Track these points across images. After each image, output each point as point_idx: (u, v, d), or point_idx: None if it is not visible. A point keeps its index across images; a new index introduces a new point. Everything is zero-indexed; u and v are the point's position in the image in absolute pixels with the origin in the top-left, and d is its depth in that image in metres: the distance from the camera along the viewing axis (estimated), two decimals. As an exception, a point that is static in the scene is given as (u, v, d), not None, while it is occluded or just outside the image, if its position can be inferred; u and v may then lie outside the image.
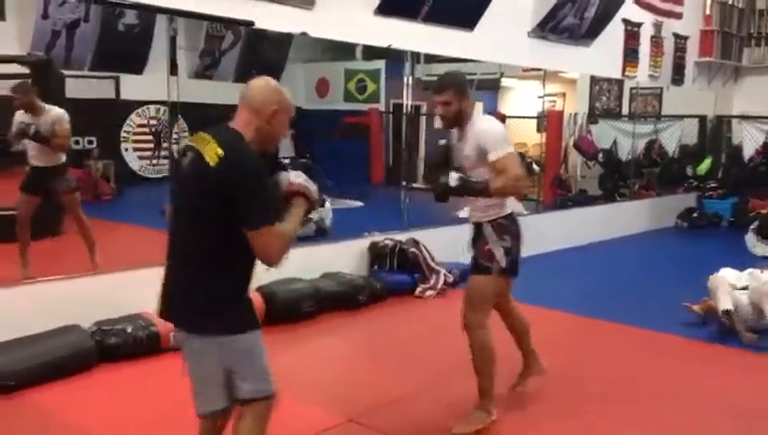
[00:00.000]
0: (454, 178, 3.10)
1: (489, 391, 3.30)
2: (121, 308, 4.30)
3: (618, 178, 10.12)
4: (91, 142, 9.28)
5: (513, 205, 3.31)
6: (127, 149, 9.69)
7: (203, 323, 2.24)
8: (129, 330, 4.13)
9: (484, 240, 3.26)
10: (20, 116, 4.94)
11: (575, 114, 10.12)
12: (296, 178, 2.39)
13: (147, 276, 4.64)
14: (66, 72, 7.04)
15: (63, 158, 5.07)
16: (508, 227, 3.25)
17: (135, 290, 4.47)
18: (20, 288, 4.20)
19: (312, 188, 2.39)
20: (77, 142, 8.92)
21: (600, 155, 9.95)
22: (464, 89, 3.24)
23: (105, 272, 4.62)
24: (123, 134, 9.61)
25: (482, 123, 3.23)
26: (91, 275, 4.57)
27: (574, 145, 10.05)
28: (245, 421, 2.32)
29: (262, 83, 2.37)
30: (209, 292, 2.23)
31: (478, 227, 3.32)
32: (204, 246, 2.24)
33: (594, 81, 9.78)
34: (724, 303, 4.77)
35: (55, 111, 4.99)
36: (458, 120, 3.25)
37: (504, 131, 3.22)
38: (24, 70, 6.63)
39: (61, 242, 5.82)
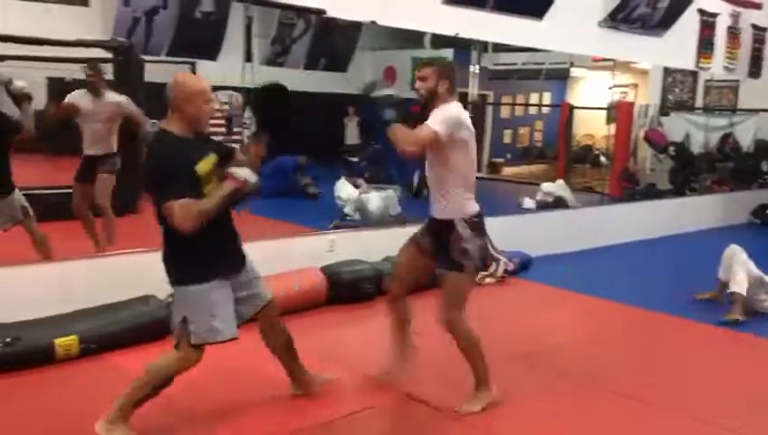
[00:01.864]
0: (391, 112, 3.20)
1: (484, 374, 3.43)
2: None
3: (689, 173, 9.88)
4: (166, 126, 9.69)
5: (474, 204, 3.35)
6: (200, 133, 10.08)
7: (167, 274, 2.97)
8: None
9: (459, 237, 3.26)
10: (79, 96, 5.02)
11: (646, 106, 9.93)
12: (235, 168, 2.92)
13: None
14: (145, 58, 7.37)
15: (115, 147, 5.13)
16: (480, 224, 3.32)
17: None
18: (102, 260, 4.48)
19: (249, 179, 2.88)
20: (153, 125, 9.34)
21: (671, 148, 9.74)
22: (444, 72, 3.27)
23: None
24: (196, 118, 9.99)
25: (439, 109, 3.21)
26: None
27: (644, 137, 9.87)
28: (174, 351, 2.94)
29: (170, 82, 2.89)
30: (167, 252, 2.95)
31: (449, 224, 3.29)
32: (161, 219, 2.86)
33: (667, 72, 9.57)
34: (739, 283, 5.08)
35: (117, 97, 5.08)
36: (431, 98, 3.26)
37: (454, 115, 3.18)
38: (107, 54, 6.98)
39: (138, 220, 6.14)
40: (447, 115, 3.17)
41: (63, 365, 3.74)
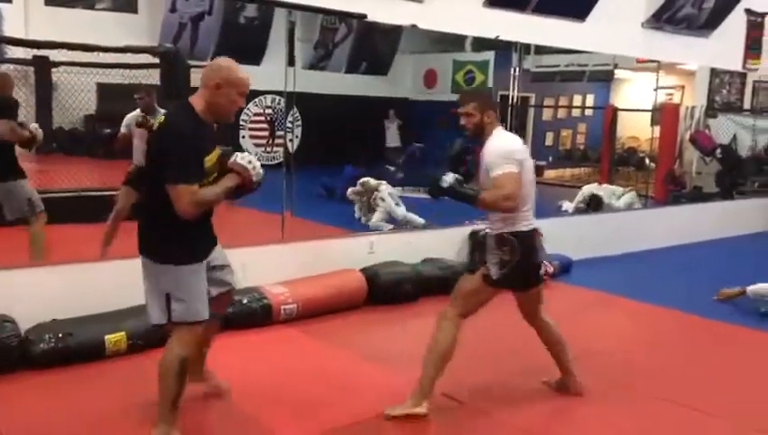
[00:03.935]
0: (447, 180, 3.18)
1: (425, 383, 3.29)
2: (239, 281, 4.60)
3: (736, 176, 9.68)
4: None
5: (528, 223, 3.30)
6: (244, 137, 10.22)
7: (149, 252, 2.85)
8: (245, 301, 4.44)
9: (485, 246, 3.38)
10: (134, 118, 5.12)
11: (692, 108, 9.77)
12: (240, 159, 2.90)
13: (262, 254, 5.01)
14: (191, 63, 7.53)
15: None
16: (510, 241, 3.24)
17: (252, 265, 4.80)
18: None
19: (253, 170, 2.89)
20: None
21: (718, 151, 9.55)
22: (486, 103, 3.32)
23: (226, 248, 4.95)
24: (241, 122, 10.15)
25: (493, 140, 3.28)
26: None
27: (690, 140, 9.71)
28: (171, 339, 2.89)
29: (212, 63, 2.89)
30: (151, 227, 2.88)
31: (486, 238, 3.43)
32: (150, 197, 2.85)
33: (714, 73, 9.39)
34: None
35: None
36: (479, 132, 3.32)
37: (509, 149, 3.23)
38: (154, 60, 7.17)
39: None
40: (505, 150, 3.22)
41: (112, 360, 3.86)
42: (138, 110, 5.18)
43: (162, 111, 5.12)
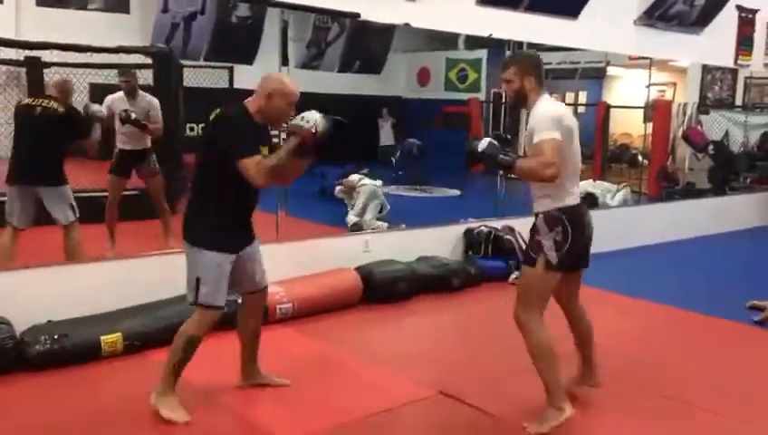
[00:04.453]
0: (483, 144, 3.06)
1: (555, 388, 3.17)
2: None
3: (728, 172, 9.73)
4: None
5: (574, 197, 3.16)
6: (237, 135, 10.21)
7: (186, 234, 3.14)
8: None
9: (536, 231, 3.15)
10: (116, 100, 5.28)
11: (684, 104, 9.81)
12: (294, 119, 3.12)
13: (263, 251, 5.00)
14: (184, 63, 7.51)
15: (149, 142, 5.40)
16: (560, 220, 3.09)
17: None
18: (144, 260, 4.60)
19: (307, 124, 3.06)
20: (192, 129, 9.49)
21: (711, 147, 9.60)
22: (526, 68, 3.14)
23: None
24: (234, 121, 10.12)
25: (539, 107, 3.09)
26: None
27: (683, 136, 9.75)
28: (191, 317, 3.15)
29: (268, 75, 3.23)
30: (191, 212, 3.16)
31: (534, 217, 3.21)
32: (196, 183, 3.19)
33: (706, 70, 9.43)
34: None
35: (149, 98, 5.35)
36: (521, 99, 3.18)
37: (555, 115, 3.03)
38: (147, 60, 7.15)
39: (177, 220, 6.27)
40: (550, 116, 3.02)
41: (108, 361, 3.86)
42: (121, 92, 5.32)
43: (144, 94, 5.38)
